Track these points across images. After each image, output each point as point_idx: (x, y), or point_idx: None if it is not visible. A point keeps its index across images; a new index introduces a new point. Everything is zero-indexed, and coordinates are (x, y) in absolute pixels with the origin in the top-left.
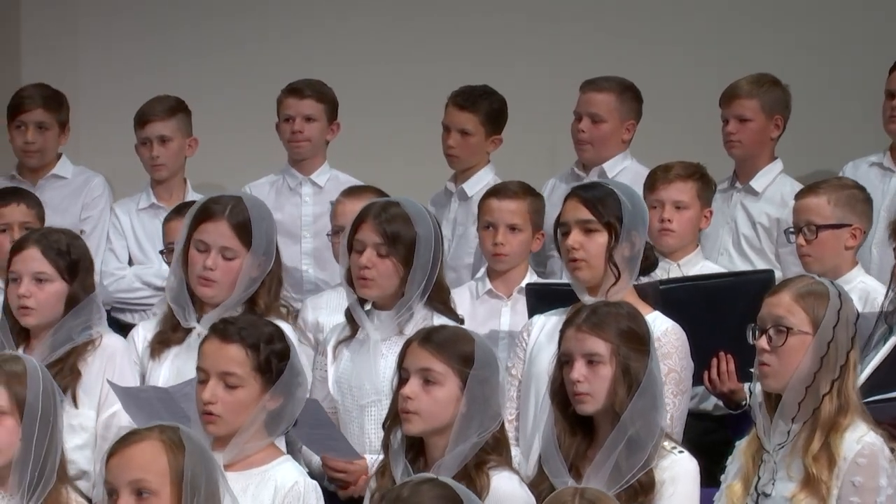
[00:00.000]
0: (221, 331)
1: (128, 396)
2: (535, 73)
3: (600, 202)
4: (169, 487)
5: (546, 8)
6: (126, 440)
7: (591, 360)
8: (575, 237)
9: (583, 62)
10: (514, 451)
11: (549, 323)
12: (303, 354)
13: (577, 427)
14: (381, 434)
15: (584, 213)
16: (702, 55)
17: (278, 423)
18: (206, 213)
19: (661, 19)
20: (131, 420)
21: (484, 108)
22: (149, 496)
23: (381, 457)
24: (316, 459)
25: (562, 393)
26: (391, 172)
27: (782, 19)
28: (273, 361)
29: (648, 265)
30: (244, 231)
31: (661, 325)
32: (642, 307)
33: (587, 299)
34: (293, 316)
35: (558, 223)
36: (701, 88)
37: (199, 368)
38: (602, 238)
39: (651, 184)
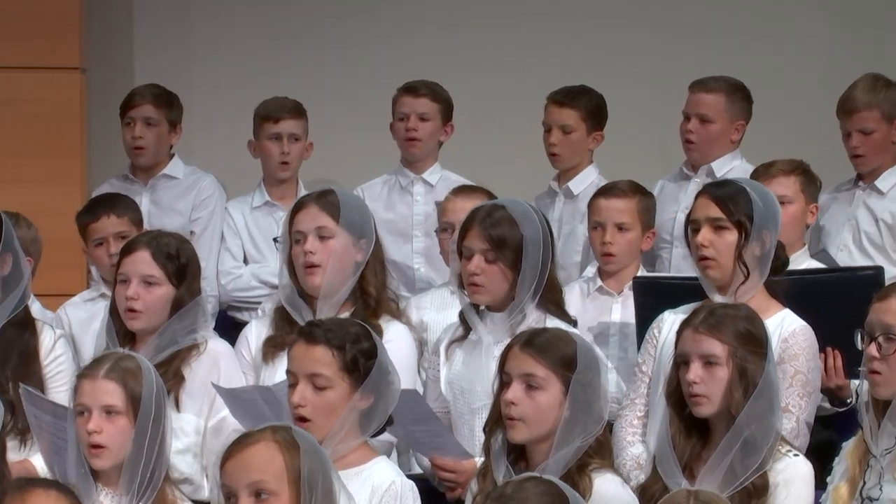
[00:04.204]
0: (308, 333)
1: (232, 398)
2: (643, 73)
3: (731, 200)
4: (287, 487)
5: (653, 6)
6: (240, 443)
7: (708, 362)
8: (705, 235)
9: (691, 60)
10: (640, 449)
11: (677, 321)
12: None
13: (693, 428)
14: None
15: (715, 211)
16: (813, 53)
17: (371, 421)
18: (297, 206)
19: (771, 16)
20: (238, 423)
21: (584, 103)
22: (268, 497)
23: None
24: (427, 461)
25: (677, 394)
26: (498, 173)
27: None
28: (360, 360)
29: (779, 265)
30: (334, 209)
31: (789, 325)
32: (773, 305)
33: (718, 298)
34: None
35: (688, 220)
36: (813, 87)
37: (288, 372)
38: (731, 236)
39: None
